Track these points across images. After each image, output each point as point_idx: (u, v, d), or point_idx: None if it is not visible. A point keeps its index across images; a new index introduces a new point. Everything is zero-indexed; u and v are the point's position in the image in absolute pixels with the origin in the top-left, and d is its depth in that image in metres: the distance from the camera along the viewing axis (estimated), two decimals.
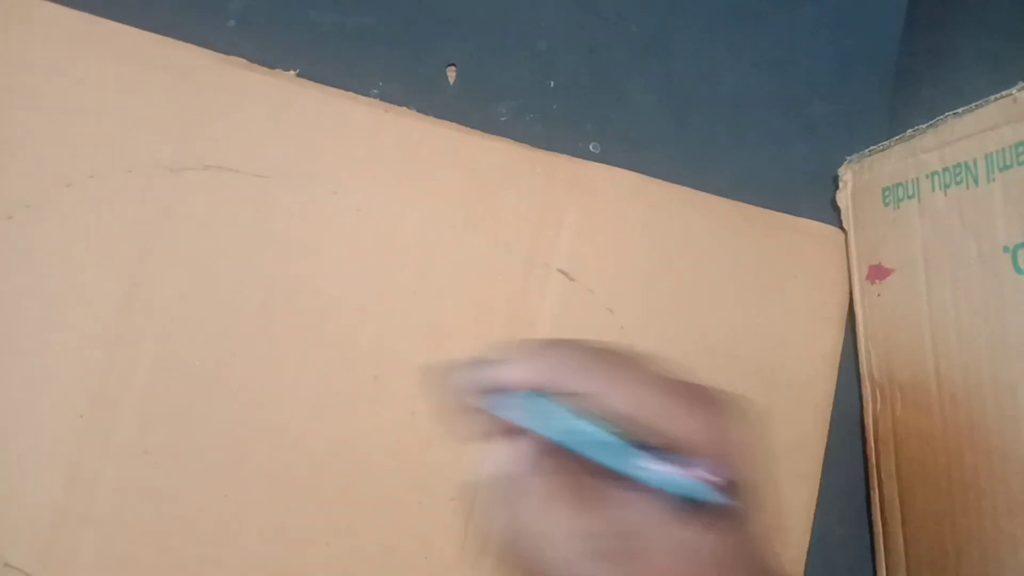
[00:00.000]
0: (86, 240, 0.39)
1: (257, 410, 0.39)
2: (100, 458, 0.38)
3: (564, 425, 0.25)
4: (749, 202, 0.47)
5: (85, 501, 0.38)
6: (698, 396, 0.26)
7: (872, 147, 0.44)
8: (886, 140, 0.43)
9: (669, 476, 0.23)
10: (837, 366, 0.45)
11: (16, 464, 0.38)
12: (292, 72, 0.42)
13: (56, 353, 0.38)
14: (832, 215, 0.47)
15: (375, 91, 0.46)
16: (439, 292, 0.42)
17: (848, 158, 0.46)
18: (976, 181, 0.37)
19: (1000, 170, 0.36)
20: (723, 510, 0.23)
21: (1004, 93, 0.35)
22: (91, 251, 0.39)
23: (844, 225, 0.46)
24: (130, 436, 0.38)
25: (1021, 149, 0.35)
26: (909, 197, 0.41)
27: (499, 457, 0.27)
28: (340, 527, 0.39)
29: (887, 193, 0.43)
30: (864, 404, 0.45)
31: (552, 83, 0.48)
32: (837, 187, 0.47)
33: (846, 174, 0.46)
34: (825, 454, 0.45)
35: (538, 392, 0.26)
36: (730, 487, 0.24)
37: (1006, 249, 0.35)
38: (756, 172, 0.47)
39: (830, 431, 0.45)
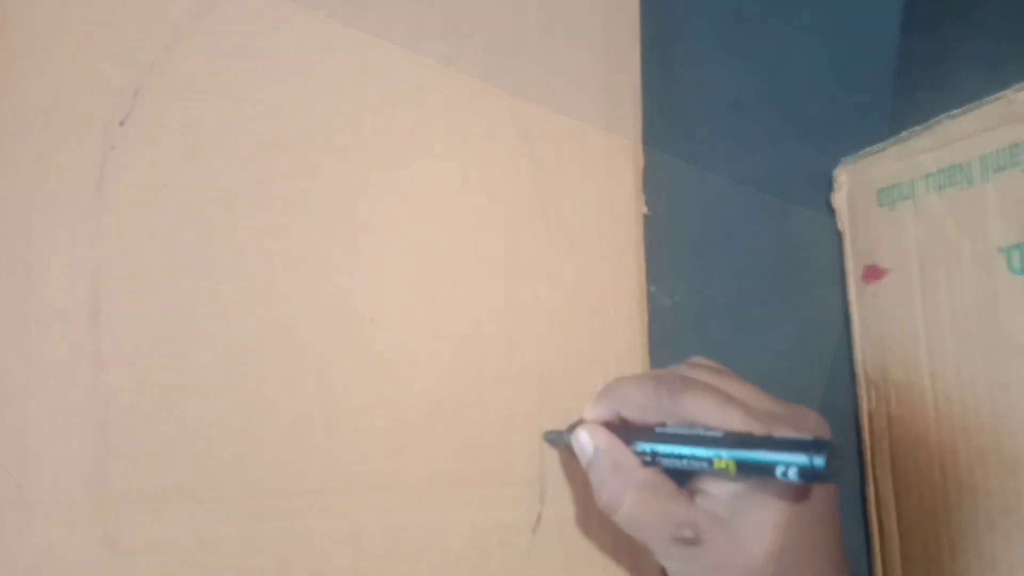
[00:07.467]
0: None
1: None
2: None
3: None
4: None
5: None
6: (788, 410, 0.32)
7: (868, 148, 0.44)
8: (882, 142, 0.43)
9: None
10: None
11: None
12: None
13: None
14: (828, 215, 0.47)
15: None
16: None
17: (844, 159, 0.46)
18: (971, 182, 0.37)
19: (995, 172, 0.36)
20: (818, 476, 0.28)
21: (999, 95, 0.36)
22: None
23: (840, 226, 0.46)
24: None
25: (1016, 151, 0.35)
26: (904, 198, 0.42)
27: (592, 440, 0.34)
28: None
29: (883, 194, 0.43)
30: (859, 402, 0.45)
31: None
32: (833, 188, 0.47)
33: (842, 175, 0.46)
34: None
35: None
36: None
37: (1001, 250, 0.35)
38: (753, 173, 0.47)
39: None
